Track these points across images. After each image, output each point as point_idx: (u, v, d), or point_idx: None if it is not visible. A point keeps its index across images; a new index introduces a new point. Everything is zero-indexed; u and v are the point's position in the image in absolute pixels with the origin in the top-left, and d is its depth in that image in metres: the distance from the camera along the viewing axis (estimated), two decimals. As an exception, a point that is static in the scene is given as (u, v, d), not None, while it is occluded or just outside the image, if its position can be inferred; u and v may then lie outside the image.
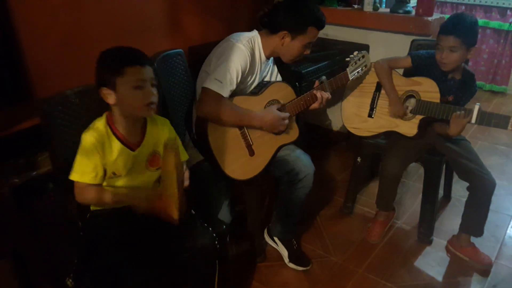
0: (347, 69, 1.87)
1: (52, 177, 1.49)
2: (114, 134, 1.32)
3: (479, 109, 1.76)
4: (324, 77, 1.82)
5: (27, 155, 1.55)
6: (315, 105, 1.81)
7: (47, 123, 1.34)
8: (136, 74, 1.25)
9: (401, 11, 2.72)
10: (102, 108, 1.35)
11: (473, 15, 1.90)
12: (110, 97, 1.27)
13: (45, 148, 1.44)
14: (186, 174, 1.41)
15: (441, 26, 1.84)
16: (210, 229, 1.40)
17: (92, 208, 1.38)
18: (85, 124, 1.34)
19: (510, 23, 4.09)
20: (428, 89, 1.90)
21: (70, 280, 1.29)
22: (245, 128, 1.69)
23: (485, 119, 1.76)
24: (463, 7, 4.30)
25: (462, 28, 1.78)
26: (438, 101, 1.87)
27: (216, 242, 1.38)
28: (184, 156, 1.50)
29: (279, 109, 1.74)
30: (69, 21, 1.82)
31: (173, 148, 1.23)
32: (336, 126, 3.12)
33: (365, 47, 2.75)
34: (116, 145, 1.31)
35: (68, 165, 1.30)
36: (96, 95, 1.29)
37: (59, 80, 1.73)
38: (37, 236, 1.58)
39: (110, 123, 1.32)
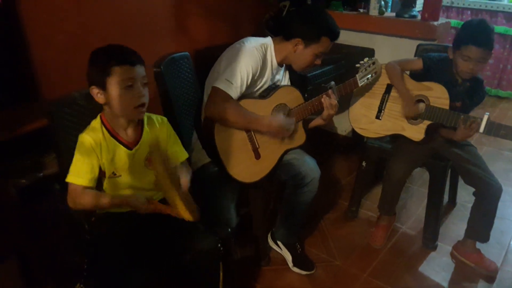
0: (357, 75, 1.85)
1: (58, 178, 1.49)
2: (110, 133, 1.32)
3: (488, 119, 1.75)
4: (333, 83, 1.81)
5: (33, 156, 1.56)
6: (324, 113, 1.79)
7: (54, 125, 1.35)
8: (125, 74, 1.24)
9: (406, 15, 2.72)
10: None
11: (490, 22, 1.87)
12: (100, 97, 1.28)
13: (52, 149, 1.45)
14: (186, 177, 1.35)
15: (470, 36, 1.77)
16: (214, 232, 1.40)
17: (97, 211, 1.38)
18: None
19: (516, 28, 4.08)
20: (438, 95, 1.89)
21: (82, 286, 1.28)
22: (252, 131, 1.69)
23: (493, 129, 1.75)
24: (469, 12, 4.30)
25: (491, 40, 1.77)
26: (448, 107, 1.86)
27: (220, 245, 1.37)
28: (184, 155, 1.49)
29: (286, 114, 1.73)
30: (76, 23, 1.83)
31: (157, 152, 1.22)
32: (342, 130, 3.12)
33: (371, 51, 2.75)
34: (112, 144, 1.31)
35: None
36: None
37: (66, 81, 1.74)
38: (43, 238, 1.59)
39: (104, 123, 1.32)
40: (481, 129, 1.77)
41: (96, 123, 1.32)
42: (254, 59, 1.64)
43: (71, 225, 1.54)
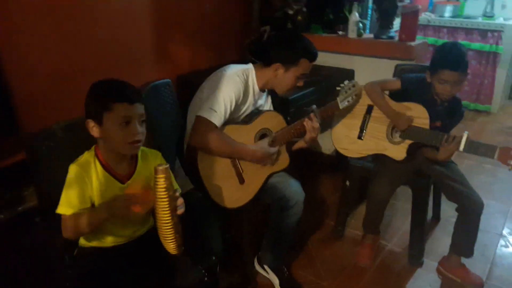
0: (338, 98, 1.88)
1: (38, 211, 1.47)
2: (102, 165, 1.29)
3: (467, 138, 1.80)
4: (314, 106, 1.84)
5: (13, 190, 1.53)
6: (307, 136, 1.81)
7: (34, 158, 1.33)
8: (124, 111, 1.23)
9: (384, 36, 2.80)
10: (89, 141, 1.34)
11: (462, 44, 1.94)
12: (96, 130, 1.26)
13: (31, 182, 1.43)
14: (180, 200, 1.28)
15: (444, 61, 1.83)
16: (199, 264, 1.38)
17: (80, 243, 1.35)
18: (72, 158, 1.34)
19: (491, 45, 4.21)
20: (417, 115, 1.93)
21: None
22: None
23: (472, 147, 1.80)
24: (445, 30, 4.42)
25: (465, 62, 1.83)
26: (428, 127, 1.90)
27: (206, 278, 1.35)
28: (174, 186, 1.48)
29: (270, 141, 1.76)
30: (57, 54, 1.84)
31: (163, 171, 1.15)
32: (326, 149, 3.15)
33: (351, 72, 2.81)
34: (104, 177, 1.29)
35: (55, 200, 1.28)
36: (83, 129, 1.29)
37: (46, 113, 1.73)
38: (24, 272, 1.55)
39: (98, 155, 1.30)
40: (461, 148, 1.81)
41: (89, 155, 1.30)
42: (236, 86, 1.67)
43: (53, 258, 1.52)
